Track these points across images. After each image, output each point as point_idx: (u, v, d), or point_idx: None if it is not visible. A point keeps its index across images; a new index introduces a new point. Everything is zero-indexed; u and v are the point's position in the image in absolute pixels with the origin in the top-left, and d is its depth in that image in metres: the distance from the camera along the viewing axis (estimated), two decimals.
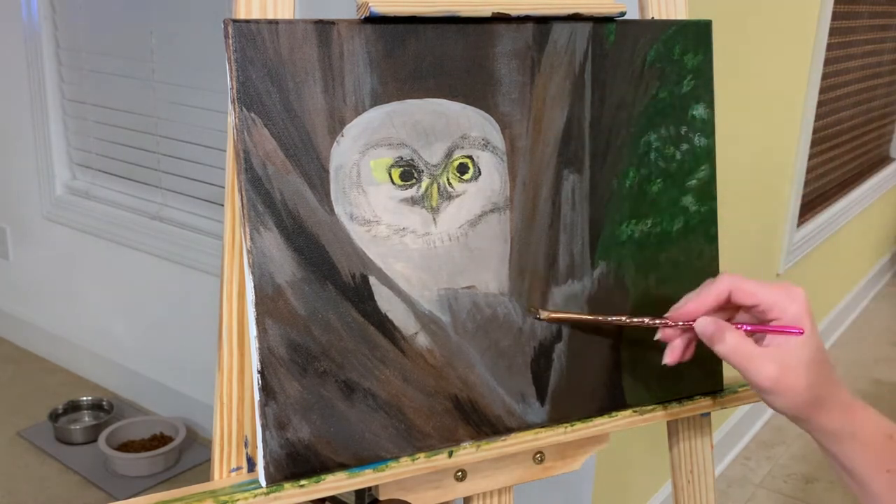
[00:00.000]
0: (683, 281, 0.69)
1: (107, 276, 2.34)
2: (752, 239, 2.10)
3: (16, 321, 2.62)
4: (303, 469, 0.56)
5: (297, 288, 0.56)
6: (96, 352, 2.42)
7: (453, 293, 0.61)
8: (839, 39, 2.38)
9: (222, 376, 0.58)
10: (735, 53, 1.68)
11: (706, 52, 0.69)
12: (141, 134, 2.17)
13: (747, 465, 2.16)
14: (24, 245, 2.54)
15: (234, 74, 0.54)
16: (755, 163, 1.99)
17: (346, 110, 0.57)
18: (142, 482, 1.98)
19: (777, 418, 2.38)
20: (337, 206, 0.57)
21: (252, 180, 0.54)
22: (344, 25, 0.56)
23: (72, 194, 2.37)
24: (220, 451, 0.58)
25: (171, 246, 2.13)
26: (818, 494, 2.05)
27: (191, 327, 2.12)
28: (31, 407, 2.27)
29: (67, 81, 2.29)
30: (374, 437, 0.58)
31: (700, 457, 0.76)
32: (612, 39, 0.65)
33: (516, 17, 0.61)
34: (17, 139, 2.42)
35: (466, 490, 0.65)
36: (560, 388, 0.65)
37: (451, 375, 0.61)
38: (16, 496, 1.93)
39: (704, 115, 0.70)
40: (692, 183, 0.70)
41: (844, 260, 2.94)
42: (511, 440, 0.63)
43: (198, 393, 2.18)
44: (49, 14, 2.25)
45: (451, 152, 0.61)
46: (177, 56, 2.03)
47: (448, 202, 0.61)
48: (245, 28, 0.54)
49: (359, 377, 0.58)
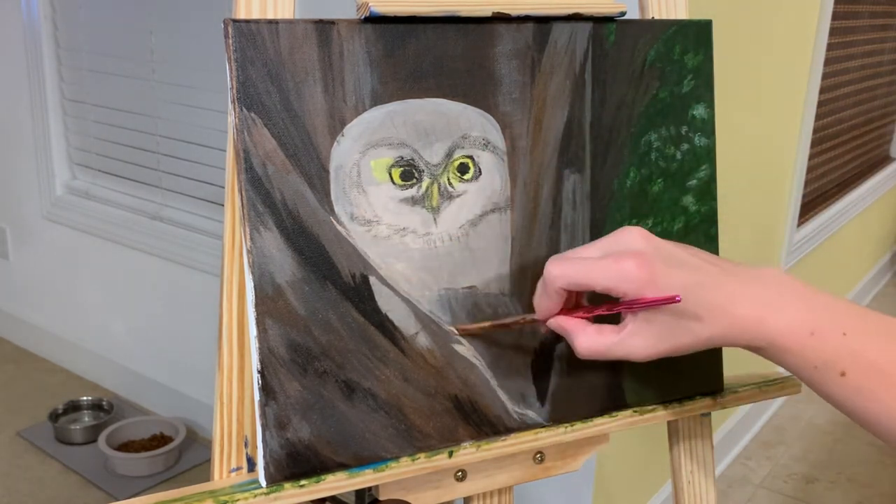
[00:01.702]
0: None
1: (107, 276, 2.34)
2: (753, 239, 2.11)
3: (16, 321, 2.62)
4: (303, 469, 0.56)
5: (297, 288, 0.56)
6: (96, 352, 2.42)
7: (454, 293, 0.61)
8: (839, 39, 2.38)
9: (222, 376, 0.58)
10: (735, 53, 1.68)
11: (706, 51, 0.69)
12: (141, 134, 2.17)
13: (747, 465, 2.16)
14: (24, 245, 2.54)
15: (234, 74, 0.54)
16: (755, 163, 1.99)
17: (347, 110, 0.57)
18: (142, 482, 1.98)
19: (777, 418, 2.38)
20: (337, 206, 0.57)
21: (252, 180, 0.54)
22: (344, 25, 0.56)
23: (72, 194, 2.37)
24: (220, 451, 0.58)
25: (171, 246, 2.13)
26: (818, 494, 2.05)
27: (191, 327, 2.12)
28: (31, 407, 2.27)
29: (67, 81, 2.30)
30: (375, 437, 0.58)
31: (700, 457, 0.76)
32: (612, 39, 0.65)
33: (516, 17, 0.61)
34: (17, 139, 2.42)
35: (466, 490, 0.65)
36: (560, 389, 0.65)
37: (452, 375, 0.61)
38: (16, 496, 1.93)
39: (705, 114, 0.70)
40: (692, 183, 0.70)
41: (844, 260, 2.94)
42: (511, 440, 0.63)
43: (198, 393, 2.18)
44: (49, 14, 2.25)
45: (451, 152, 0.61)
46: (177, 56, 2.03)
47: (448, 202, 0.61)
48: (245, 28, 0.54)
49: (359, 377, 0.58)
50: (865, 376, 0.55)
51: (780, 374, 0.76)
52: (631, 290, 0.54)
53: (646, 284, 0.54)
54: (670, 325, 0.56)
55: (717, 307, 0.55)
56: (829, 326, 0.55)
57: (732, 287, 0.56)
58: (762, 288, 0.57)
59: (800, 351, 0.55)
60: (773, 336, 0.55)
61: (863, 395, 0.55)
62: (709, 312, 0.55)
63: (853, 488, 2.07)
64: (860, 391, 0.55)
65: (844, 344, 0.55)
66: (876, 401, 0.54)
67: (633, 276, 0.54)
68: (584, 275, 0.56)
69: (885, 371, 0.54)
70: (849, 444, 2.25)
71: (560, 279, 0.56)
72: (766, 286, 0.57)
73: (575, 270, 0.56)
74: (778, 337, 0.55)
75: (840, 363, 0.55)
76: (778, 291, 0.56)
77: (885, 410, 0.54)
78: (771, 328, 0.55)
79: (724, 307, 0.55)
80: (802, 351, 0.55)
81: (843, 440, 2.27)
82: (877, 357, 0.55)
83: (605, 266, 0.55)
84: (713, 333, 0.56)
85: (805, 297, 0.56)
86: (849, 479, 2.10)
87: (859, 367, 0.55)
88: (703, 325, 0.55)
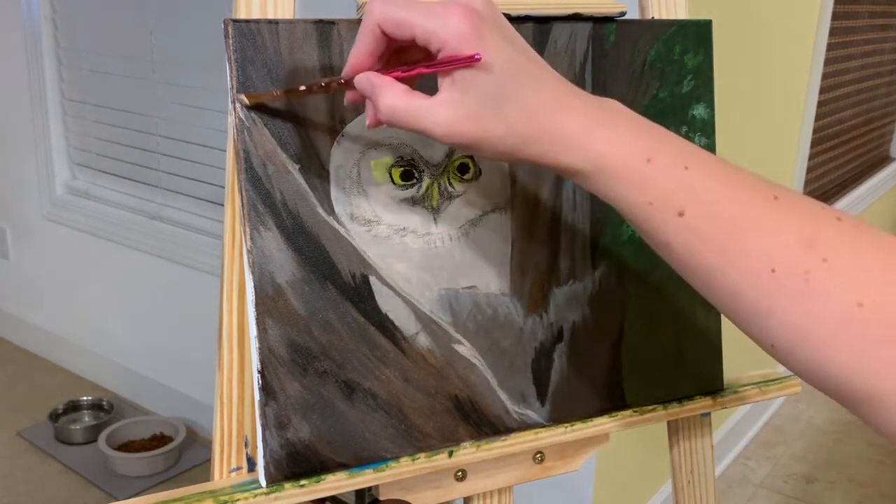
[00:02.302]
0: (684, 281, 0.69)
1: (107, 276, 2.34)
2: None
3: (16, 321, 2.62)
4: (303, 469, 0.56)
5: (297, 288, 0.56)
6: (96, 352, 2.42)
7: (454, 293, 0.61)
8: (839, 39, 2.38)
9: (222, 376, 0.58)
10: (735, 53, 1.68)
11: (706, 51, 0.69)
12: (141, 134, 2.17)
13: (747, 465, 2.16)
14: (24, 245, 2.54)
15: (234, 74, 0.54)
16: (755, 163, 1.99)
17: (347, 110, 0.57)
18: (142, 482, 1.98)
19: (777, 418, 2.38)
20: (337, 206, 0.57)
21: (252, 180, 0.54)
22: (344, 25, 0.56)
23: (72, 194, 2.37)
24: (220, 451, 0.58)
25: (171, 246, 2.13)
26: (818, 494, 2.05)
27: (191, 327, 2.12)
28: (31, 407, 2.27)
29: (67, 81, 2.29)
30: (375, 437, 0.58)
31: (700, 457, 0.76)
32: (612, 39, 0.65)
33: (516, 17, 0.61)
34: (17, 139, 2.42)
35: (466, 490, 0.65)
36: (560, 388, 0.65)
37: (452, 375, 0.61)
38: (16, 496, 1.93)
39: (705, 114, 0.70)
40: None
41: None
42: (511, 440, 0.63)
43: (198, 393, 2.18)
44: (49, 14, 2.25)
45: (451, 152, 0.61)
46: (177, 56, 2.03)
47: (449, 202, 0.61)
48: (245, 28, 0.54)
49: (359, 377, 0.58)
50: (707, 219, 0.47)
51: (781, 373, 0.76)
52: (450, 43, 0.46)
53: (468, 41, 0.46)
54: (487, 105, 0.47)
55: (542, 106, 0.48)
56: (668, 157, 0.48)
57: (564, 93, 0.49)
58: (598, 108, 0.49)
59: (634, 180, 0.47)
60: (604, 158, 0.47)
61: (699, 240, 0.47)
62: (532, 110, 0.47)
63: (853, 488, 2.07)
64: (698, 234, 0.47)
65: (685, 178, 0.47)
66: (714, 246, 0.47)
67: (455, 26, 0.46)
68: (403, 12, 0.48)
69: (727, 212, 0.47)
70: (849, 444, 2.25)
71: (378, 14, 0.48)
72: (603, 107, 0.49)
73: (396, 5, 0.48)
74: (609, 160, 0.47)
75: (679, 200, 0.47)
76: (616, 113, 0.49)
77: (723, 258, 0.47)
78: (601, 148, 0.47)
79: (549, 110, 0.48)
80: (638, 180, 0.47)
81: (843, 440, 2.27)
82: (718, 197, 0.47)
83: (430, 8, 0.47)
84: (528, 134, 0.48)
85: (644, 125, 0.49)
86: (849, 478, 2.10)
87: (700, 207, 0.47)
88: (521, 121, 0.48)
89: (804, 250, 0.45)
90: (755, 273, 0.46)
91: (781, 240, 0.46)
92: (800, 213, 0.47)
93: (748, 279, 0.46)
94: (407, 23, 0.47)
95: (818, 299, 0.45)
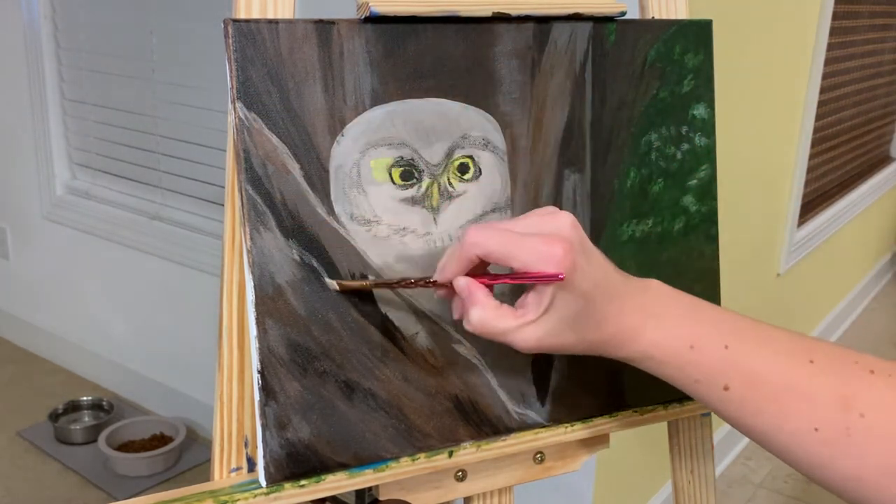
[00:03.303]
0: (684, 281, 0.69)
1: (107, 276, 2.34)
2: (753, 239, 2.11)
3: (16, 321, 2.62)
4: (303, 469, 0.56)
5: (297, 288, 0.56)
6: (96, 352, 2.42)
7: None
8: (839, 39, 2.38)
9: (222, 376, 0.58)
10: (735, 53, 1.68)
11: (707, 51, 0.69)
12: (141, 134, 2.17)
13: (748, 465, 2.16)
14: (24, 245, 2.54)
15: (234, 74, 0.54)
16: (755, 163, 1.99)
17: (347, 110, 0.57)
18: (142, 482, 1.98)
19: None
20: (337, 206, 0.57)
21: (252, 180, 0.54)
22: (344, 25, 0.56)
23: (72, 194, 2.37)
24: (220, 451, 0.58)
25: (171, 246, 2.13)
26: (818, 494, 2.04)
27: (191, 327, 2.12)
28: (31, 407, 2.27)
29: (67, 81, 2.30)
30: (375, 437, 0.58)
31: (700, 457, 0.76)
32: (612, 39, 0.65)
33: (516, 17, 0.61)
34: (17, 139, 2.42)
35: (466, 490, 0.65)
36: (560, 388, 0.65)
37: (452, 375, 0.61)
38: (16, 496, 1.93)
39: (705, 114, 0.70)
40: (693, 183, 0.70)
41: (844, 260, 2.94)
42: (511, 440, 0.63)
43: (198, 393, 2.18)
44: (49, 14, 2.25)
45: (451, 152, 0.61)
46: (177, 56, 2.03)
47: (449, 202, 0.61)
48: (245, 28, 0.54)
49: (359, 377, 0.58)
50: (749, 389, 0.53)
51: None
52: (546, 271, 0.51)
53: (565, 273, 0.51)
54: (566, 322, 0.53)
55: (608, 316, 0.53)
56: (709, 340, 0.54)
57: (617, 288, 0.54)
58: (643, 294, 0.55)
59: (680, 365, 0.54)
60: (653, 349, 0.54)
61: (747, 409, 0.53)
62: (601, 320, 0.53)
63: None
64: (744, 404, 0.53)
65: (727, 356, 0.53)
66: (761, 413, 0.53)
67: (559, 262, 0.50)
68: (505, 248, 0.51)
69: (769, 382, 0.53)
70: None
71: (478, 247, 0.52)
72: (649, 294, 0.55)
73: (497, 242, 0.51)
74: (657, 350, 0.54)
75: (723, 377, 0.53)
76: (658, 297, 0.55)
77: (771, 422, 0.53)
78: (650, 339, 0.54)
79: (614, 317, 0.54)
80: (683, 365, 0.54)
81: None
82: (759, 368, 0.53)
83: (532, 245, 0.51)
84: (595, 340, 0.54)
85: (686, 308, 0.55)
86: None
87: (742, 380, 0.53)
88: (591, 330, 0.54)
89: (842, 410, 0.52)
90: (800, 433, 0.52)
91: (820, 402, 0.52)
92: (835, 371, 0.53)
93: (794, 438, 0.53)
94: (507, 256, 0.51)
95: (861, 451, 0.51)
